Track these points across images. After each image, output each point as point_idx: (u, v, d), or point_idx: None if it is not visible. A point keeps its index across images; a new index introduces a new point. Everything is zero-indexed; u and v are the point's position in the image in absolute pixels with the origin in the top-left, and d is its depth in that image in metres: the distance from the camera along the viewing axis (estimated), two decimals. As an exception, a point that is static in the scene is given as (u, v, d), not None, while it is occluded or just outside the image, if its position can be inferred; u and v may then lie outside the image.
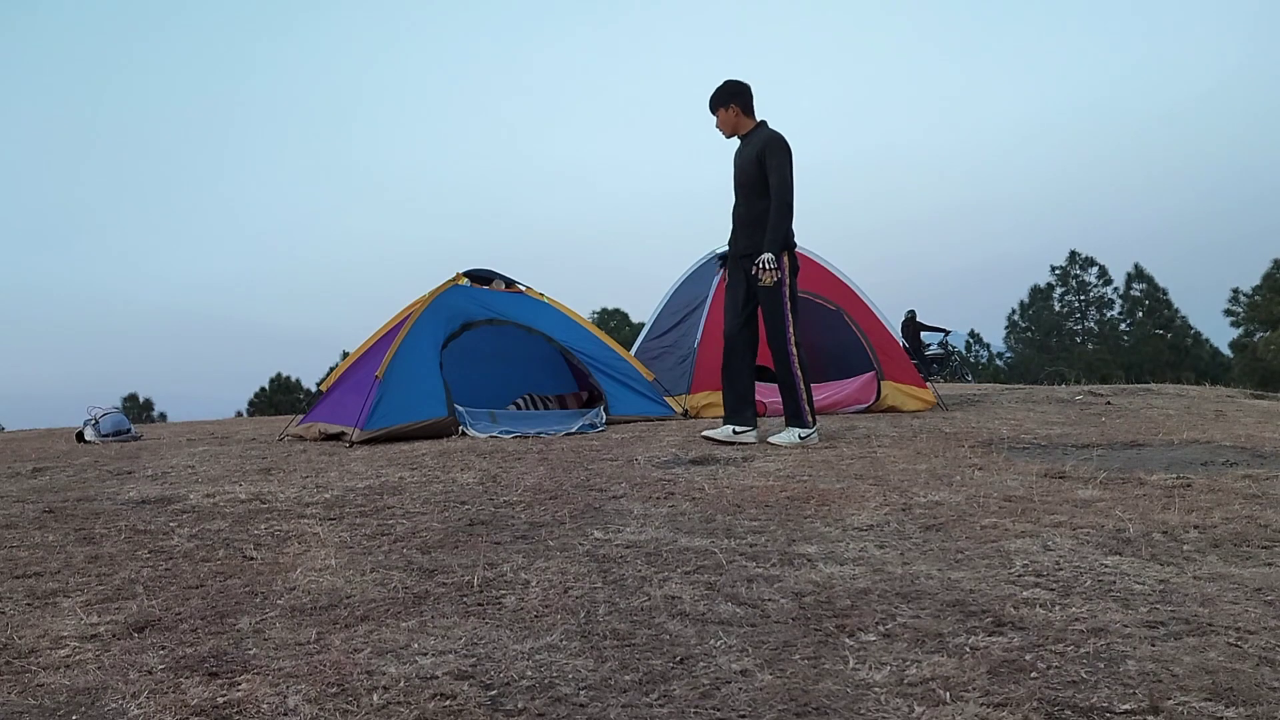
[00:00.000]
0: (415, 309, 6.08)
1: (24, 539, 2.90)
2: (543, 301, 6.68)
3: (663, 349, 7.27)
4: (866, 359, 7.03)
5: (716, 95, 4.81)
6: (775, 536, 2.65)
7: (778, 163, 4.64)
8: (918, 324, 16.38)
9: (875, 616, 1.91)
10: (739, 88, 4.81)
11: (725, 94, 4.79)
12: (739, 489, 3.42)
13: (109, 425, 6.95)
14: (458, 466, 4.18)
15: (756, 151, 4.68)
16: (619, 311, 43.77)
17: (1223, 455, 4.12)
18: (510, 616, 1.98)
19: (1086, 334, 38.81)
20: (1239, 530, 2.60)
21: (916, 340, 16.15)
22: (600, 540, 2.66)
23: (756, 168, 4.68)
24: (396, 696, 1.55)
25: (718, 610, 1.98)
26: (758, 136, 4.74)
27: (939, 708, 1.46)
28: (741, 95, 4.80)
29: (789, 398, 4.75)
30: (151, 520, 3.15)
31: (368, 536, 2.80)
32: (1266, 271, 32.74)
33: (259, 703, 1.53)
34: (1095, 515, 2.82)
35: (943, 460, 4.01)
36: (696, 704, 1.50)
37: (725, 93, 4.79)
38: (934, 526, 2.73)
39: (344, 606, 2.07)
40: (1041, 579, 2.16)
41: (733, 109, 4.79)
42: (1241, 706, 1.43)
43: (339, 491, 3.62)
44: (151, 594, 2.22)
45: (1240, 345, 33.60)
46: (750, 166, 4.71)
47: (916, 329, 16.33)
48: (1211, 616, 1.85)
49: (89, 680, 1.66)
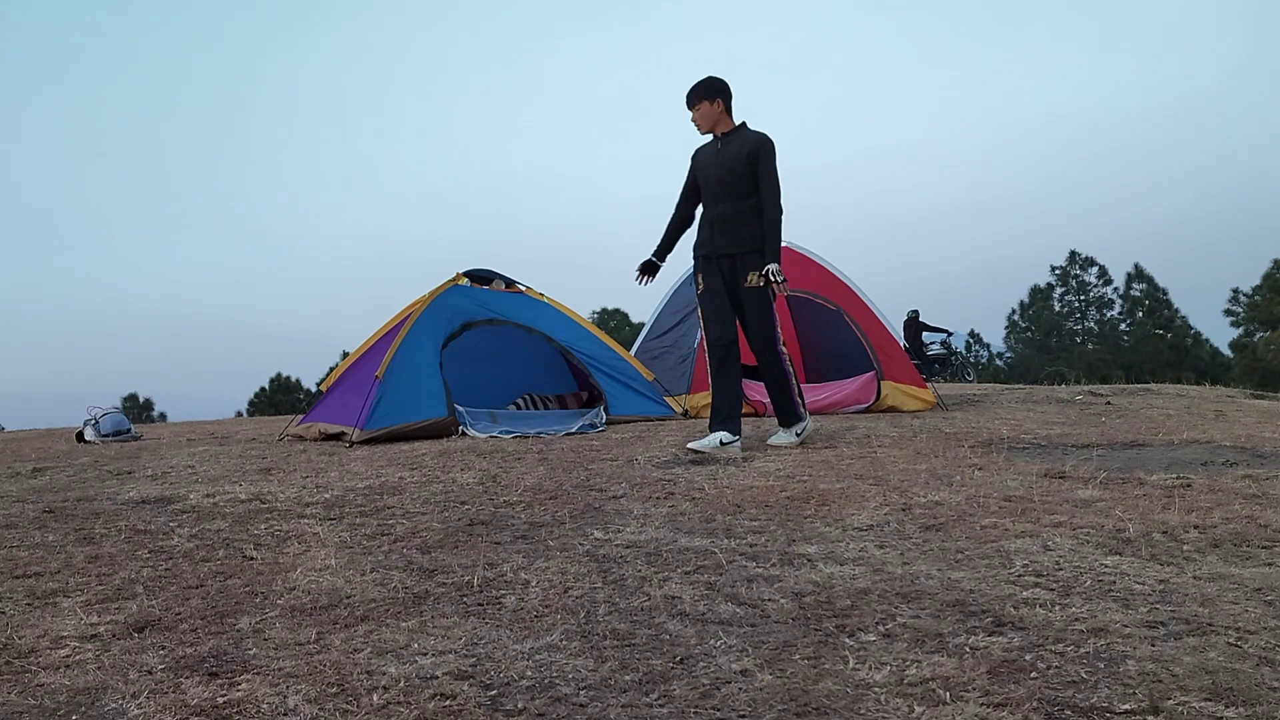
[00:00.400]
0: (415, 309, 6.08)
1: (24, 539, 2.90)
2: (543, 301, 6.68)
3: (663, 349, 7.27)
4: (866, 359, 7.03)
5: (702, 88, 4.70)
6: (775, 536, 2.65)
7: (770, 166, 4.59)
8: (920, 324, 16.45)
9: (875, 616, 1.91)
10: (724, 84, 4.73)
11: (712, 89, 4.70)
12: (739, 489, 3.42)
13: (109, 425, 6.95)
14: (458, 466, 4.18)
15: (747, 151, 4.61)
16: (619, 311, 43.80)
17: (1223, 455, 4.12)
18: (510, 616, 1.98)
19: (1086, 334, 38.82)
20: (1239, 530, 2.60)
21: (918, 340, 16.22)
22: (600, 540, 2.66)
23: (746, 166, 4.61)
24: (396, 696, 1.55)
25: (718, 610, 1.98)
26: (744, 136, 4.67)
27: (939, 708, 1.46)
28: (725, 92, 4.73)
29: (784, 396, 4.71)
30: (151, 520, 3.15)
31: (368, 536, 2.80)
32: (1266, 271, 32.77)
33: (259, 703, 1.53)
34: (1095, 515, 2.82)
35: (943, 460, 4.01)
36: (696, 704, 1.50)
37: (712, 87, 4.70)
38: (934, 526, 2.73)
39: (344, 606, 2.07)
40: (1041, 579, 2.16)
41: (718, 104, 4.70)
42: (1241, 706, 1.43)
43: (339, 491, 3.62)
44: (151, 594, 2.22)
45: (1240, 345, 33.61)
46: (739, 165, 4.62)
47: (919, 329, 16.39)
48: (1211, 616, 1.86)
49: (89, 680, 1.66)
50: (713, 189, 4.72)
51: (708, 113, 4.70)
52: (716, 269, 4.68)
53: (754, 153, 4.59)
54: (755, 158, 4.58)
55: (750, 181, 4.61)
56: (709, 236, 4.73)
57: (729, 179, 4.65)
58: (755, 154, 4.59)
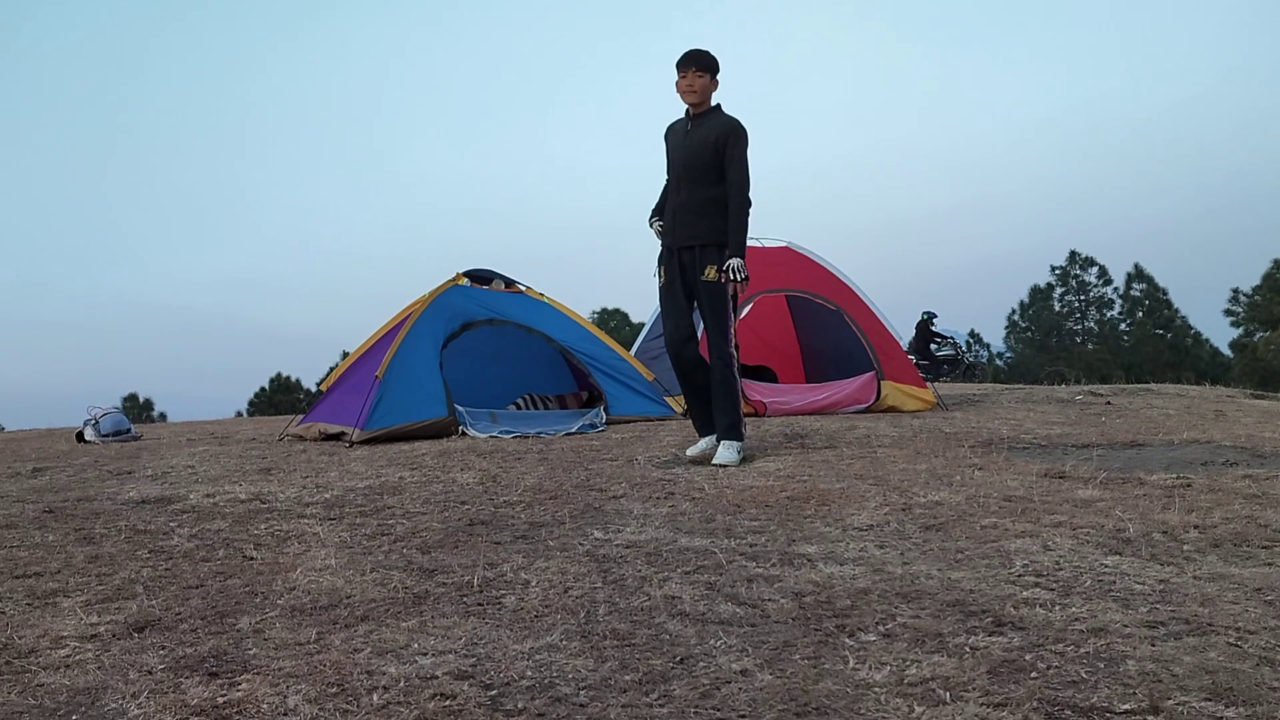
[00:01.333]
0: (415, 309, 6.08)
1: (24, 539, 2.90)
2: (543, 301, 6.68)
3: (662, 349, 7.25)
4: (866, 359, 7.03)
5: (701, 57, 4.31)
6: (775, 536, 2.65)
7: (739, 154, 4.25)
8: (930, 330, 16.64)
9: (875, 616, 1.91)
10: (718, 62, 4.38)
11: (713, 62, 4.34)
12: (739, 489, 3.42)
13: (109, 425, 6.94)
14: (458, 466, 4.18)
15: (715, 136, 4.28)
16: (619, 311, 43.75)
17: (1223, 455, 4.12)
18: (510, 616, 1.98)
19: (1086, 334, 38.84)
20: (1239, 530, 2.60)
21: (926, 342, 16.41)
22: (600, 540, 2.66)
23: (712, 154, 4.28)
24: (396, 696, 1.55)
25: (718, 610, 1.98)
26: (716, 120, 4.34)
27: (939, 708, 1.46)
28: (719, 70, 4.38)
29: (730, 404, 4.24)
30: (151, 520, 3.15)
31: (368, 536, 2.80)
32: (1266, 271, 32.79)
33: (259, 703, 1.53)
34: (1095, 515, 2.82)
35: (943, 460, 4.01)
36: (696, 704, 1.50)
37: (713, 61, 4.34)
38: (934, 526, 2.73)
39: (344, 606, 2.07)
40: (1041, 579, 2.16)
41: (715, 81, 4.36)
42: (1241, 706, 1.43)
43: (339, 491, 3.62)
44: (151, 594, 2.22)
45: (1240, 345, 33.63)
46: (704, 152, 4.29)
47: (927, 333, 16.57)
48: (1211, 616, 1.86)
49: (89, 680, 1.66)
50: (677, 173, 4.40)
51: (703, 85, 4.32)
52: (676, 262, 4.38)
53: (722, 139, 4.25)
54: (724, 144, 4.24)
55: (716, 169, 4.28)
56: (670, 226, 4.42)
57: (694, 164, 4.32)
58: (724, 140, 4.25)
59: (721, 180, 4.28)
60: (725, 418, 4.23)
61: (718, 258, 4.24)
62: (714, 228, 4.28)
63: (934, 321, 16.83)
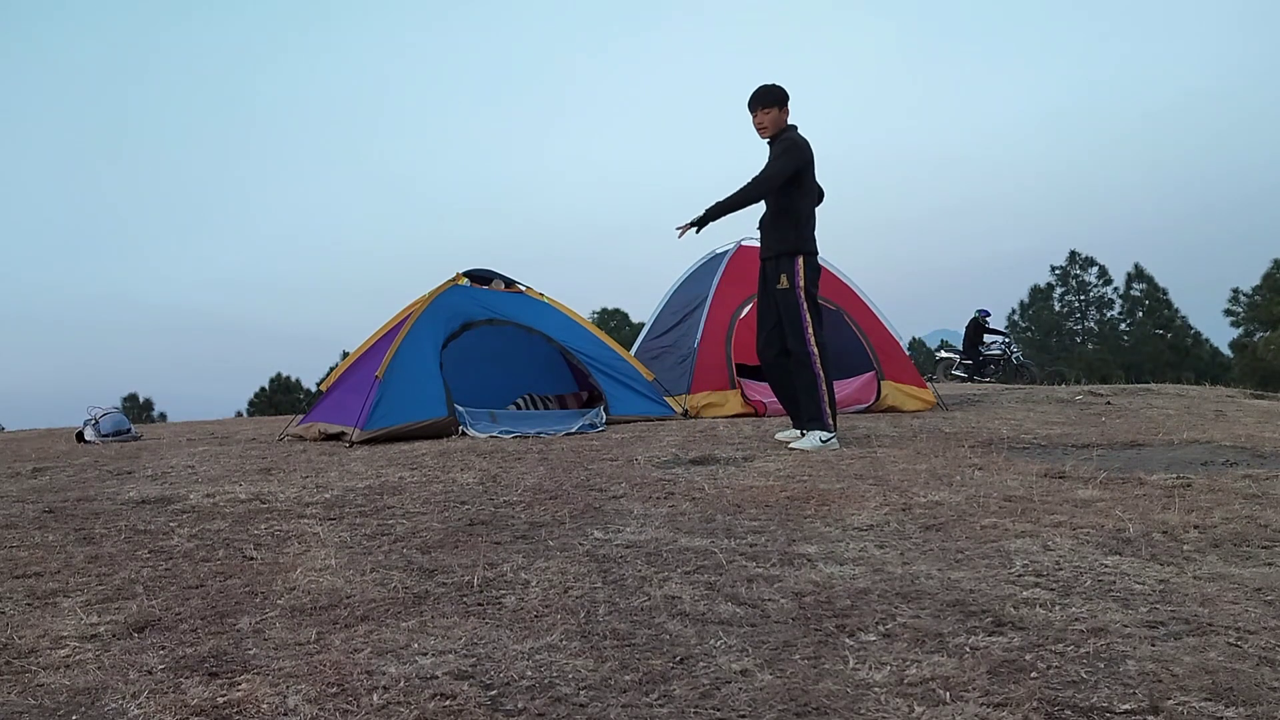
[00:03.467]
0: (415, 309, 6.08)
1: (24, 539, 2.90)
2: (543, 301, 6.68)
3: (662, 349, 7.26)
4: (866, 359, 7.03)
5: (764, 95, 4.77)
6: (775, 536, 2.65)
7: (776, 153, 4.73)
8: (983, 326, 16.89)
9: (875, 616, 1.91)
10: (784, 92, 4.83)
11: (780, 95, 4.79)
12: (739, 489, 3.42)
13: (109, 425, 6.94)
14: (458, 466, 4.18)
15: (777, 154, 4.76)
16: (619, 311, 43.72)
17: (1223, 455, 4.12)
18: (510, 616, 1.98)
19: (1086, 334, 38.80)
20: (1239, 530, 2.60)
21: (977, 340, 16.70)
22: (600, 540, 2.66)
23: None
24: (396, 696, 1.55)
25: (718, 610, 1.98)
26: (781, 140, 4.79)
27: (939, 708, 1.46)
28: (787, 100, 4.83)
29: (809, 399, 4.72)
30: (151, 520, 3.15)
31: (368, 536, 2.80)
32: (1266, 271, 32.70)
33: (259, 703, 1.53)
34: (1095, 515, 2.82)
35: (943, 460, 4.01)
36: (696, 704, 1.50)
37: (780, 94, 4.79)
38: (934, 526, 2.73)
39: (344, 606, 2.07)
40: (1041, 579, 2.16)
41: (784, 110, 4.80)
42: (1241, 706, 1.43)
43: (339, 491, 3.61)
44: (151, 594, 2.22)
45: (1240, 345, 33.57)
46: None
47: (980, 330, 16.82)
48: (1211, 616, 1.86)
49: (89, 680, 1.66)
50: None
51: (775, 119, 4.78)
52: (763, 272, 4.92)
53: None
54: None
55: (782, 186, 4.74)
56: (761, 239, 4.95)
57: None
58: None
59: (786, 195, 4.77)
60: (806, 410, 4.75)
61: (789, 266, 4.76)
62: (783, 239, 4.78)
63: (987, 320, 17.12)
